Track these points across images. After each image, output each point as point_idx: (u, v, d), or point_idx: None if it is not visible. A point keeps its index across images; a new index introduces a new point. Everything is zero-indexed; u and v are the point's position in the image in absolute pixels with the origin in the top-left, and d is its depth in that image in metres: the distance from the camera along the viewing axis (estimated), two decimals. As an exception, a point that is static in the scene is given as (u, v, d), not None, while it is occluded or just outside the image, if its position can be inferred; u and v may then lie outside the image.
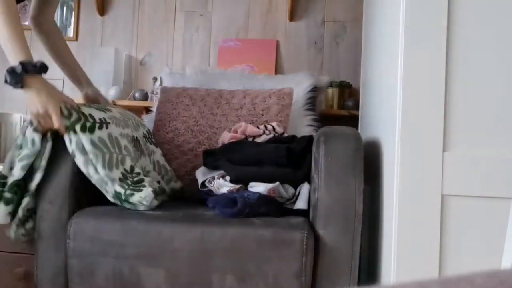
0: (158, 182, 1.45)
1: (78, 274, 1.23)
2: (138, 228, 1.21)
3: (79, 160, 1.24)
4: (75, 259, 1.23)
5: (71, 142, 1.24)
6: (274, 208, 1.28)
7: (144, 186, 1.28)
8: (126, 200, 1.26)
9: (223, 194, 1.35)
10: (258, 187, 1.32)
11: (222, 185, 1.37)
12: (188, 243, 1.18)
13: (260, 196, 1.28)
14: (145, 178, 1.32)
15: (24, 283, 1.83)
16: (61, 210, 1.26)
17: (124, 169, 1.30)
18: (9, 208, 1.24)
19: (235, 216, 1.23)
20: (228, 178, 1.37)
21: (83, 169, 1.25)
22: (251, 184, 1.35)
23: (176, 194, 1.56)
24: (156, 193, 1.32)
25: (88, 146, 1.24)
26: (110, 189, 1.26)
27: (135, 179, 1.30)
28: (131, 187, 1.27)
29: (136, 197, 1.25)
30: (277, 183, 1.32)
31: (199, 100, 1.73)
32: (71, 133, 1.24)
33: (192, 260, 1.18)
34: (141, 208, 1.27)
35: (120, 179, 1.27)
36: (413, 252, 1.07)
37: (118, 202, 1.27)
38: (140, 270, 1.19)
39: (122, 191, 1.25)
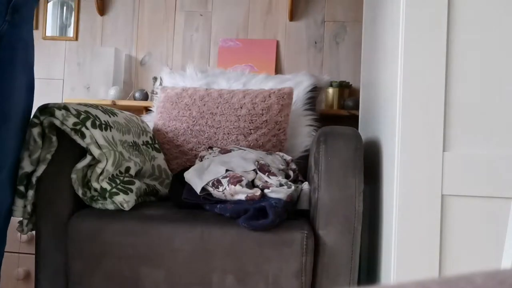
0: (154, 185, 1.46)
1: (78, 274, 1.23)
2: (138, 228, 1.21)
3: (96, 153, 1.25)
4: (75, 259, 1.23)
5: (84, 136, 1.25)
6: (291, 212, 1.25)
7: (132, 190, 1.29)
8: (110, 198, 1.26)
9: (242, 203, 1.23)
10: (278, 193, 1.24)
11: (238, 192, 1.24)
12: (188, 243, 1.18)
13: (284, 203, 1.21)
14: (135, 181, 1.33)
15: (24, 283, 1.83)
16: (61, 210, 1.26)
17: (119, 170, 1.31)
18: (23, 202, 1.25)
19: (268, 228, 1.15)
20: (244, 183, 1.24)
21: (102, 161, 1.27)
22: (271, 189, 1.25)
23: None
24: (141, 196, 1.36)
25: (101, 141, 1.26)
26: (96, 185, 1.26)
27: (125, 179, 1.31)
28: (118, 186, 1.28)
29: (120, 198, 1.26)
30: (293, 188, 1.26)
31: (199, 100, 1.73)
32: (83, 128, 1.25)
33: (192, 260, 1.18)
34: (111, 207, 1.28)
35: (109, 178, 1.28)
36: (413, 252, 1.07)
37: (94, 200, 1.28)
38: (140, 270, 1.19)
39: (108, 187, 1.26)
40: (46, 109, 1.26)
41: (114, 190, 1.26)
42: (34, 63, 1.30)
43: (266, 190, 1.26)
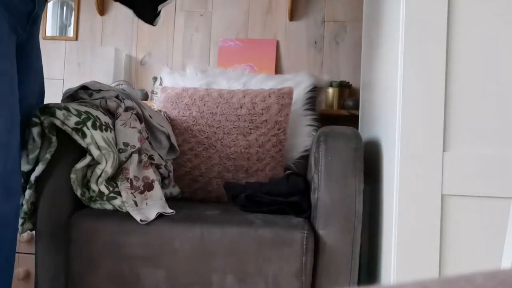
0: None
1: (78, 274, 1.23)
2: (138, 228, 1.21)
3: (95, 154, 1.25)
4: (75, 259, 1.22)
5: (85, 136, 1.25)
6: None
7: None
8: (108, 201, 1.26)
9: None
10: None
11: None
12: (188, 243, 1.18)
13: None
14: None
15: (24, 283, 1.83)
16: (61, 210, 1.26)
17: (117, 171, 1.32)
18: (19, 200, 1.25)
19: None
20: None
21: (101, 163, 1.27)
22: None
23: (174, 199, 1.56)
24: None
25: (101, 143, 1.26)
26: (94, 187, 1.26)
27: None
28: (116, 189, 1.28)
29: (118, 202, 1.26)
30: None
31: (199, 100, 1.73)
32: (84, 128, 1.25)
33: (192, 260, 1.18)
34: (109, 207, 1.28)
35: (107, 181, 1.28)
36: (413, 252, 1.07)
37: (93, 200, 1.28)
38: (140, 270, 1.19)
39: (106, 191, 1.26)
40: (46, 109, 1.26)
41: (112, 194, 1.27)
42: None
43: None
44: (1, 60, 1.09)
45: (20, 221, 1.27)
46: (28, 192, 1.25)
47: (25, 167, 1.25)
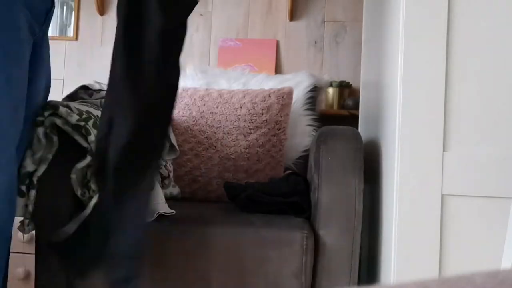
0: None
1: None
2: (138, 228, 1.21)
3: None
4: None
5: (87, 135, 1.25)
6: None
7: None
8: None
9: None
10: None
11: None
12: (188, 243, 1.18)
13: None
14: None
15: (24, 283, 1.83)
16: (61, 210, 1.26)
17: None
18: (23, 201, 1.25)
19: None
20: None
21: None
22: None
23: (174, 199, 1.56)
24: None
25: None
26: (94, 187, 1.26)
27: None
28: None
29: None
30: None
31: (199, 99, 1.73)
32: (85, 128, 1.25)
33: (192, 260, 1.18)
34: None
35: None
36: (413, 252, 1.07)
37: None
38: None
39: None
40: (49, 105, 1.26)
41: None
42: None
43: None
44: (18, 66, 1.09)
45: (26, 221, 1.27)
46: (32, 193, 1.25)
47: (30, 167, 1.25)
